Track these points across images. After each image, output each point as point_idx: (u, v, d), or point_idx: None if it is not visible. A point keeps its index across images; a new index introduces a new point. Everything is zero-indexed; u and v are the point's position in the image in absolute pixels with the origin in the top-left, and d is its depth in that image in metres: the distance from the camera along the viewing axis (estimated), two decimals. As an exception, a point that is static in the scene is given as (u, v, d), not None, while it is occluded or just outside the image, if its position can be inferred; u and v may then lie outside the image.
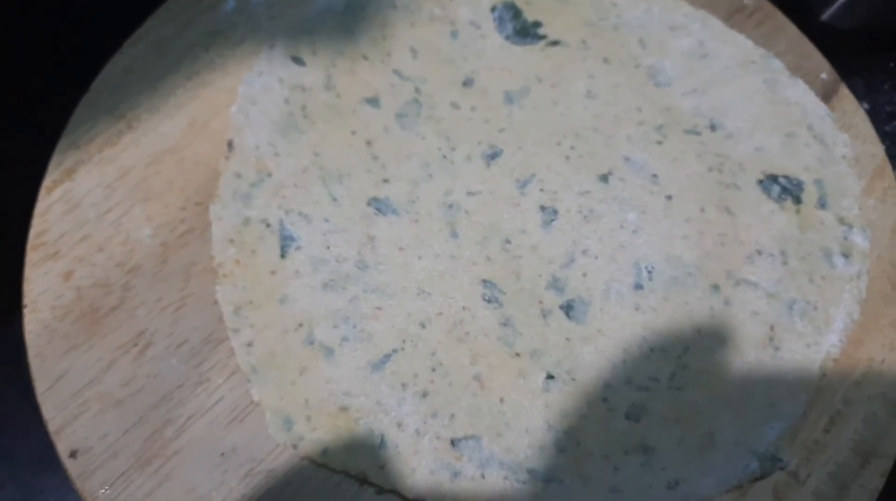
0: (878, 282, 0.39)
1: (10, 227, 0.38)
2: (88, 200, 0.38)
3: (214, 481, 0.33)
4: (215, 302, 0.36)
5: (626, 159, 0.41)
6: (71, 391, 0.35)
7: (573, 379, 0.36)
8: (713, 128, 0.42)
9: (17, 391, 0.41)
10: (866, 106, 0.51)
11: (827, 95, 0.43)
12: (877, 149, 0.42)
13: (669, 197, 0.40)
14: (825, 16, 0.49)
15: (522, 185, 0.40)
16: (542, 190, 0.40)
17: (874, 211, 0.41)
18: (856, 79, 0.52)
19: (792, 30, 0.45)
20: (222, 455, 0.34)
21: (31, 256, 0.37)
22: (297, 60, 0.41)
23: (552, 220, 0.39)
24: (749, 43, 0.44)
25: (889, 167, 0.42)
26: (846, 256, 0.39)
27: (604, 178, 0.40)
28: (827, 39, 0.46)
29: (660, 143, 0.41)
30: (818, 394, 0.37)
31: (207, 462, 0.34)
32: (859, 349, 0.38)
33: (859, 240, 0.40)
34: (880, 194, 0.41)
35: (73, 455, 0.34)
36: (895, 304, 0.39)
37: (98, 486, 0.33)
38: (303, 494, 0.33)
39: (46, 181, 0.38)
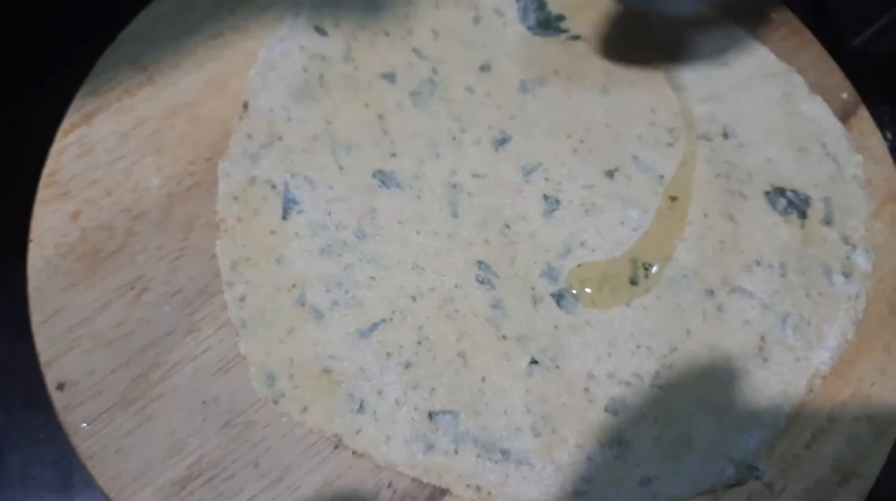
0: (878, 305, 0.39)
1: (26, 165, 0.40)
2: (102, 145, 0.39)
3: (194, 427, 0.34)
4: (213, 256, 0.37)
5: (634, 158, 0.41)
6: (65, 326, 0.36)
7: (557, 367, 0.36)
8: (725, 135, 0.42)
9: (12, 329, 0.42)
10: (890, 135, 0.51)
11: (845, 115, 0.43)
12: (890, 173, 0.42)
13: (674, 198, 0.40)
14: (857, 41, 0.48)
15: (528, 173, 0.40)
16: (546, 179, 0.40)
17: (881, 234, 0.41)
18: (883, 106, 0.51)
19: (816, 47, 0.45)
20: (204, 403, 0.35)
21: (42, 194, 0.38)
22: (320, 30, 0.42)
23: (553, 209, 0.39)
24: (771, 56, 0.44)
25: None
26: (846, 275, 0.39)
27: (609, 174, 0.40)
28: (858, 64, 0.46)
29: (670, 145, 0.41)
30: (803, 409, 0.36)
31: (189, 409, 0.34)
32: (850, 368, 0.38)
33: (862, 261, 0.39)
34: (889, 218, 0.41)
35: (59, 387, 0.35)
36: (891, 329, 0.39)
37: (80, 420, 0.34)
38: (278, 449, 0.34)
39: (64, 124, 0.40)
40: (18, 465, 0.39)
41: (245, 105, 0.40)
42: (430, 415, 0.35)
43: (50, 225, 0.37)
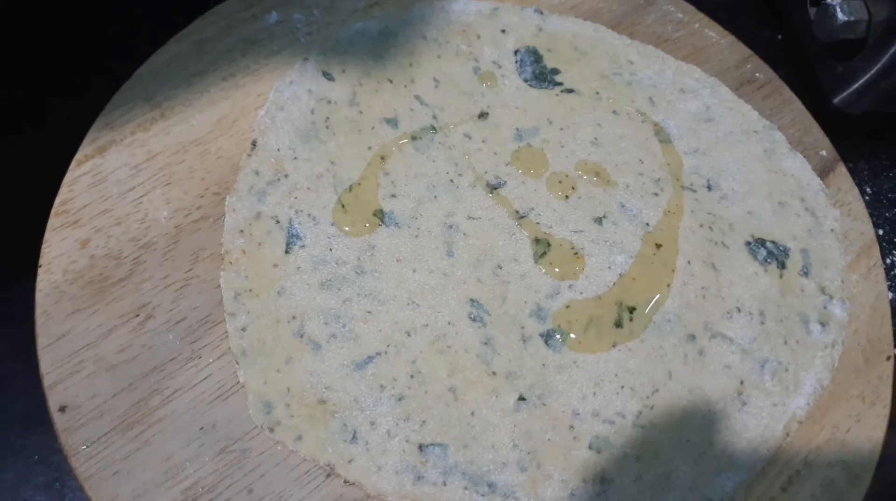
0: (852, 354, 0.42)
1: (38, 194, 0.43)
2: (114, 177, 0.42)
3: (190, 452, 0.36)
4: (217, 286, 0.40)
5: (622, 206, 0.44)
6: (69, 350, 0.38)
7: (543, 404, 0.38)
8: (709, 187, 0.45)
9: (15, 352, 0.44)
10: (869, 190, 0.54)
11: (824, 171, 0.47)
12: (866, 228, 0.46)
13: (659, 246, 0.43)
14: (837, 100, 0.52)
15: (521, 216, 0.43)
16: (538, 223, 0.43)
17: (857, 286, 0.44)
18: (861, 163, 0.55)
19: (797, 105, 0.49)
20: (201, 429, 0.37)
21: (53, 221, 0.41)
22: (328, 75, 0.46)
23: (544, 253, 0.43)
24: (754, 113, 0.48)
25: (877, 247, 0.45)
26: (823, 324, 0.42)
27: (598, 220, 0.44)
28: (837, 122, 0.50)
29: (656, 195, 0.45)
30: (780, 453, 0.39)
31: (186, 434, 0.37)
32: (826, 415, 0.40)
33: (838, 311, 0.43)
34: (865, 271, 0.44)
35: (62, 409, 0.37)
36: (866, 377, 0.41)
37: (80, 442, 0.36)
38: (271, 476, 0.36)
39: (78, 155, 0.43)
40: (12, 486, 0.41)
41: (254, 143, 0.44)
42: (421, 447, 0.37)
43: (60, 252, 0.40)
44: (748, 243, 0.44)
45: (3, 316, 0.44)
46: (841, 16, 0.47)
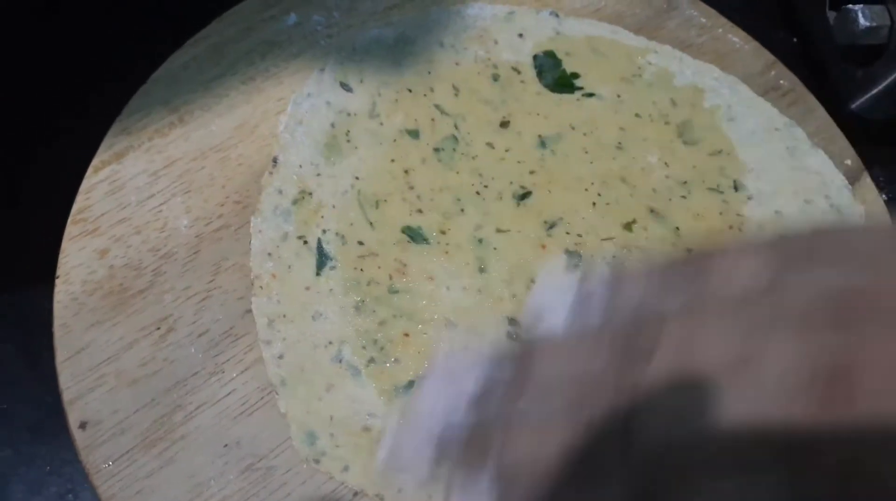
0: None
1: (55, 202, 0.41)
2: (133, 184, 0.41)
3: (215, 470, 0.36)
4: (240, 298, 0.39)
5: (651, 211, 0.44)
6: (90, 364, 0.37)
7: (588, 418, 0.39)
8: (736, 188, 0.46)
9: (24, 359, 0.43)
10: (885, 196, 0.55)
11: (849, 181, 0.47)
12: None
13: (690, 250, 0.44)
14: (854, 105, 0.52)
15: (550, 226, 0.43)
16: (567, 233, 0.43)
17: None
18: (876, 169, 0.55)
19: (822, 113, 0.49)
20: (226, 446, 0.36)
21: (70, 229, 0.40)
22: (345, 86, 0.45)
23: (577, 264, 0.43)
24: (774, 111, 0.48)
25: None
26: (854, 321, 0.43)
27: (628, 226, 0.44)
28: (853, 128, 0.50)
29: (684, 198, 0.45)
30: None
31: (211, 451, 0.36)
32: None
33: (867, 307, 0.43)
34: None
35: (82, 426, 0.36)
36: None
37: (102, 460, 0.35)
38: (297, 495, 0.36)
39: (95, 161, 0.42)
40: (25, 497, 0.40)
41: (275, 160, 0.43)
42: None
43: (77, 261, 0.39)
44: (777, 244, 0.44)
45: (13, 322, 0.43)
46: (863, 21, 0.48)
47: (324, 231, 0.41)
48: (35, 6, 0.50)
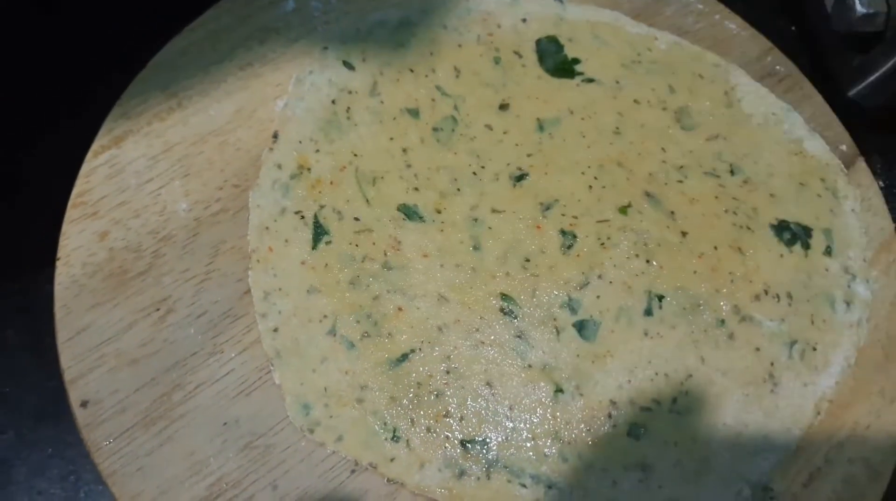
0: (872, 351, 0.43)
1: (55, 186, 0.42)
2: (132, 168, 0.42)
3: (214, 448, 0.37)
4: (239, 280, 0.40)
5: (647, 195, 0.45)
6: (90, 344, 0.38)
7: (581, 395, 0.40)
8: (732, 172, 0.47)
9: (28, 344, 0.44)
10: (882, 183, 0.55)
11: (844, 166, 0.48)
12: (885, 223, 0.47)
13: (685, 233, 0.44)
14: (852, 92, 0.53)
15: (545, 208, 0.44)
16: (563, 215, 0.44)
17: (877, 282, 0.45)
18: (874, 156, 0.56)
19: (818, 99, 0.50)
20: (225, 424, 0.37)
21: (71, 213, 0.41)
22: (348, 65, 0.46)
23: (571, 244, 0.44)
24: (772, 96, 0.49)
25: None
26: (848, 303, 0.44)
27: (623, 210, 0.45)
28: (851, 115, 0.51)
29: (680, 182, 0.46)
30: (808, 437, 0.40)
31: (210, 430, 0.37)
32: (846, 411, 0.42)
33: (861, 290, 0.44)
34: (884, 266, 0.46)
35: (83, 404, 0.37)
36: (886, 373, 0.43)
37: (103, 438, 0.37)
38: (296, 472, 0.37)
39: (95, 145, 0.43)
40: (27, 479, 0.41)
41: (275, 135, 0.44)
42: (462, 442, 0.38)
43: (78, 244, 0.40)
44: (773, 226, 0.45)
45: (17, 308, 0.44)
46: (860, 8, 0.49)
47: (321, 207, 0.42)
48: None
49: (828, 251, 0.45)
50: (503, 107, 0.47)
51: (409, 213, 0.43)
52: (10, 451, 0.41)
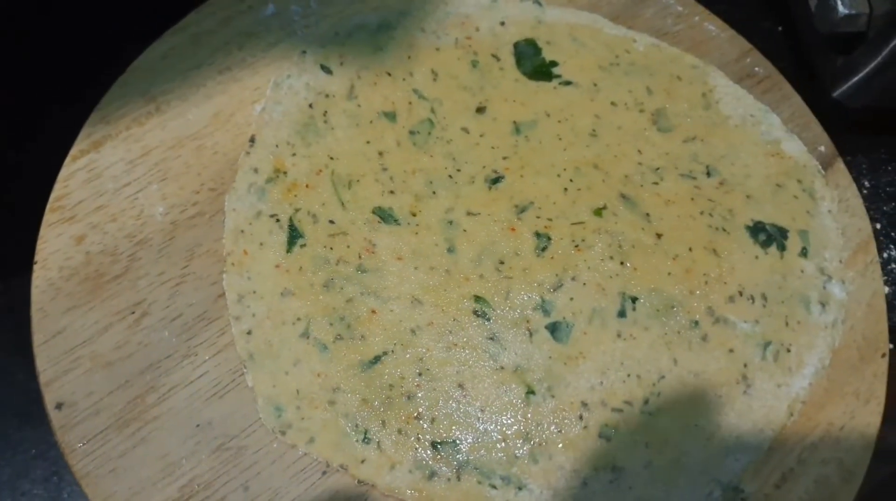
0: (848, 352, 0.43)
1: (33, 190, 0.43)
2: (110, 172, 0.43)
3: (187, 450, 0.38)
4: (213, 283, 0.41)
5: (622, 197, 0.46)
6: (66, 347, 0.39)
7: (552, 396, 0.40)
8: (709, 174, 0.47)
9: (11, 345, 0.45)
10: (867, 184, 0.56)
11: (823, 167, 0.48)
12: (863, 224, 0.47)
13: (660, 235, 0.45)
14: (837, 93, 0.53)
15: (520, 211, 0.45)
16: (538, 217, 0.45)
17: (853, 283, 0.45)
18: (860, 157, 0.56)
19: (797, 100, 0.50)
20: (198, 426, 0.38)
21: (49, 217, 0.42)
22: (325, 69, 0.47)
23: (545, 246, 0.44)
24: (750, 97, 0.50)
25: (874, 243, 0.46)
26: (823, 304, 0.44)
27: (598, 212, 0.45)
28: (836, 116, 0.51)
29: (656, 184, 0.46)
30: (781, 438, 0.41)
31: (183, 432, 0.38)
32: (820, 412, 0.42)
33: (837, 291, 0.44)
34: (861, 267, 0.46)
35: (58, 406, 0.38)
36: (860, 374, 0.43)
37: (77, 440, 0.37)
38: (267, 473, 0.38)
39: (73, 150, 0.44)
40: (10, 480, 0.42)
41: (252, 139, 0.45)
42: (432, 444, 0.38)
43: (55, 248, 0.41)
44: (748, 227, 0.45)
45: (0, 308, 0.45)
46: (842, 9, 0.49)
47: (296, 210, 0.43)
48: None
49: (803, 253, 0.45)
50: (480, 110, 0.47)
51: (384, 216, 0.44)
52: (-6, 452, 0.42)
